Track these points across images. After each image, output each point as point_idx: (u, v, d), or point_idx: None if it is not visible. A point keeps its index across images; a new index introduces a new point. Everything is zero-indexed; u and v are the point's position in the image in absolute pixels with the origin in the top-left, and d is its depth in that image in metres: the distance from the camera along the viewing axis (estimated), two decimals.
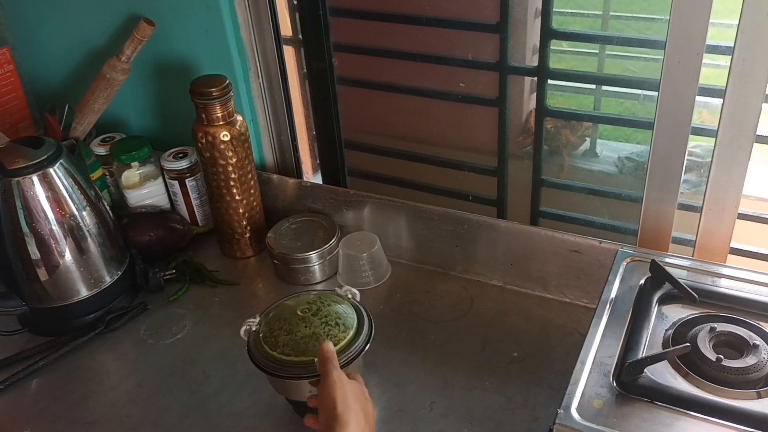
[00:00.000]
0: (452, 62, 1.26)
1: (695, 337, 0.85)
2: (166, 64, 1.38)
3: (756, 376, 0.80)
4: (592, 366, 0.84)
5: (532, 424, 0.97)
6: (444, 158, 1.36)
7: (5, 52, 1.43)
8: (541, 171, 1.26)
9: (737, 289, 0.93)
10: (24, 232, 1.10)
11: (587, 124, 1.34)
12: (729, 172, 0.99)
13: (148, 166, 1.37)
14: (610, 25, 1.36)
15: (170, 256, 1.33)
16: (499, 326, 1.14)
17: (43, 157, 1.10)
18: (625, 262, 1.00)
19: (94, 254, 1.17)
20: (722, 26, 1.00)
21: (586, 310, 1.14)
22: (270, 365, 0.91)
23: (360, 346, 0.93)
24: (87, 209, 1.15)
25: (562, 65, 1.24)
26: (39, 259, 1.12)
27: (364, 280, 1.24)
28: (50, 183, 1.10)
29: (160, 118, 1.48)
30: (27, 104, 1.49)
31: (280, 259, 1.26)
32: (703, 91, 0.98)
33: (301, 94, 1.41)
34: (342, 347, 0.91)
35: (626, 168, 1.32)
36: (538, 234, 1.17)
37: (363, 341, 0.93)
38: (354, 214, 1.32)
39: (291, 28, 1.35)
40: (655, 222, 1.09)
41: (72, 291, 1.16)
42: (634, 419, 0.77)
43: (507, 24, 1.17)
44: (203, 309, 1.23)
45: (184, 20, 1.31)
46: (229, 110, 1.22)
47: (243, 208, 1.30)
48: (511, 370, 1.06)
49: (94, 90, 1.34)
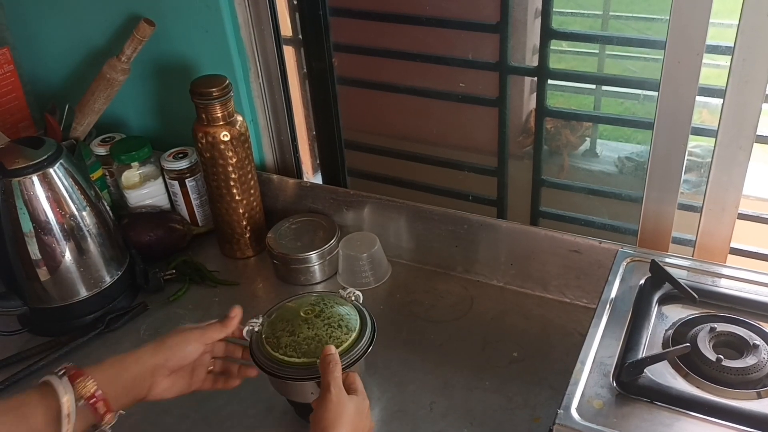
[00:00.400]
0: (452, 62, 1.26)
1: (695, 338, 0.85)
2: (167, 64, 1.38)
3: (756, 376, 0.80)
4: (592, 366, 0.84)
5: (532, 424, 0.97)
6: (444, 158, 1.36)
7: (5, 52, 1.43)
8: (541, 171, 1.26)
9: (737, 289, 0.93)
10: (24, 233, 1.10)
11: (587, 124, 1.34)
12: (729, 172, 0.99)
13: (148, 167, 1.37)
14: (610, 25, 1.36)
15: (170, 256, 1.33)
16: (499, 326, 1.14)
17: (44, 158, 1.10)
18: (625, 262, 0.99)
19: (94, 254, 1.17)
20: (722, 26, 1.00)
21: (586, 310, 1.14)
22: (272, 366, 0.91)
23: (362, 348, 0.92)
24: (87, 209, 1.15)
25: (562, 65, 1.24)
26: (39, 260, 1.12)
27: (364, 281, 1.24)
28: (50, 183, 1.10)
29: (160, 118, 1.48)
30: (27, 104, 1.49)
31: (280, 259, 1.26)
32: (703, 91, 0.98)
33: (301, 94, 1.41)
34: (344, 349, 0.91)
35: (626, 168, 1.32)
36: (538, 234, 1.17)
37: (366, 344, 0.93)
38: (354, 214, 1.32)
39: (291, 28, 1.35)
40: (655, 222, 1.09)
41: (72, 291, 1.16)
42: (634, 419, 0.77)
43: (507, 24, 1.17)
44: (203, 309, 1.23)
45: (185, 20, 1.31)
46: (229, 110, 1.22)
47: (243, 208, 1.30)
48: (511, 370, 1.06)
49: (94, 90, 1.34)
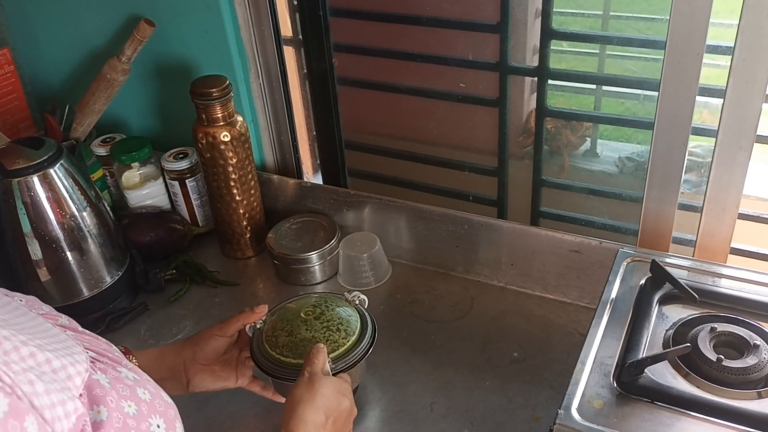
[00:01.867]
0: (452, 62, 1.26)
1: (696, 338, 0.85)
2: (167, 64, 1.38)
3: (756, 376, 0.80)
4: (592, 366, 0.84)
5: (532, 424, 0.97)
6: (444, 158, 1.36)
7: (6, 52, 1.43)
8: (542, 171, 1.26)
9: (738, 289, 0.93)
10: (24, 233, 1.10)
11: (587, 124, 1.34)
12: (729, 172, 0.99)
13: (149, 167, 1.37)
14: (610, 25, 1.36)
15: (171, 256, 1.33)
16: (500, 326, 1.14)
17: (44, 158, 1.09)
18: (625, 263, 0.99)
19: (95, 255, 1.17)
20: (722, 26, 1.00)
21: (587, 311, 1.14)
22: (269, 365, 0.91)
23: (361, 353, 0.92)
24: (87, 209, 1.15)
25: (562, 65, 1.24)
26: (39, 260, 1.12)
27: (365, 281, 1.24)
28: (51, 184, 1.10)
29: (160, 118, 1.48)
30: (27, 105, 1.49)
31: (281, 259, 1.26)
32: (703, 91, 0.98)
33: (302, 95, 1.41)
34: (341, 353, 0.91)
35: (627, 168, 1.31)
36: (538, 234, 1.17)
37: (364, 348, 0.92)
38: (354, 215, 1.32)
39: (291, 29, 1.35)
40: (656, 222, 1.09)
41: (73, 292, 1.16)
42: (635, 419, 0.77)
43: (507, 24, 1.17)
44: (204, 309, 1.23)
45: (185, 21, 1.31)
46: (229, 111, 1.22)
47: (243, 209, 1.30)
48: (511, 370, 1.06)
49: (95, 91, 1.34)
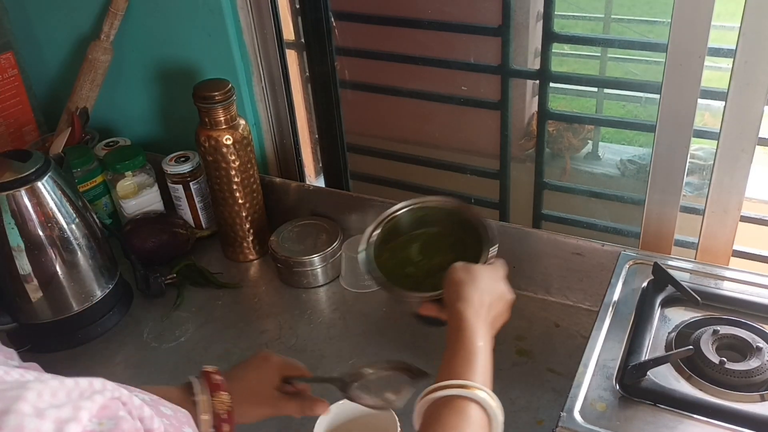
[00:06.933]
0: (454, 65, 1.26)
1: (698, 340, 0.85)
2: (169, 68, 1.39)
3: (759, 378, 0.80)
4: (595, 369, 0.84)
5: (535, 426, 0.97)
6: (446, 161, 1.36)
7: (9, 56, 1.43)
8: (544, 174, 1.26)
9: (740, 291, 0.93)
10: (12, 247, 1.07)
11: (589, 126, 1.34)
12: (731, 174, 0.99)
13: (142, 175, 1.36)
14: (611, 28, 1.37)
15: (173, 260, 1.33)
16: (502, 329, 1.14)
17: (31, 171, 1.06)
18: (627, 265, 1.00)
19: (84, 268, 1.14)
20: (724, 29, 1.00)
21: (589, 313, 1.14)
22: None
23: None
24: (76, 222, 1.12)
25: (563, 68, 1.24)
26: (28, 274, 1.09)
27: (367, 283, 1.24)
28: (38, 197, 1.07)
29: (163, 122, 1.48)
30: (31, 108, 1.49)
31: (283, 262, 1.26)
32: (705, 94, 0.98)
33: (304, 98, 1.41)
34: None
35: (628, 171, 1.32)
36: (540, 237, 1.17)
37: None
38: (357, 217, 1.32)
39: (293, 32, 1.35)
40: (658, 224, 1.09)
41: (63, 306, 1.14)
42: (637, 422, 0.77)
43: (509, 27, 1.17)
44: (206, 312, 1.23)
45: (188, 25, 1.31)
46: (231, 114, 1.22)
47: (246, 212, 1.30)
48: (513, 372, 1.06)
49: (79, 76, 1.33)
